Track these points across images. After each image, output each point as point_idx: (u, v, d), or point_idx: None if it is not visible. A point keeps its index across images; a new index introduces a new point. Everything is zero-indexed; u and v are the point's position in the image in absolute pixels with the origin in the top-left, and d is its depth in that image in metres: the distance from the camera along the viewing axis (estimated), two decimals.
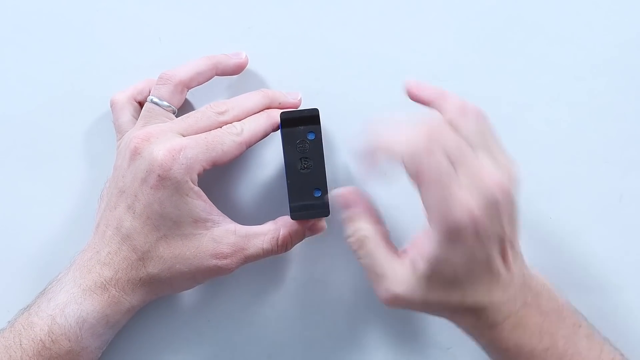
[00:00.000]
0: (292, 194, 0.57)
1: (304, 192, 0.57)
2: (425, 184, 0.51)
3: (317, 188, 0.57)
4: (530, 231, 0.63)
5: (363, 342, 0.65)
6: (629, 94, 0.64)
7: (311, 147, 0.57)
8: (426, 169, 0.50)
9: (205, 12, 0.66)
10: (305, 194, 0.57)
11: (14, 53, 0.67)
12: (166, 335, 0.65)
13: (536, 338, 0.54)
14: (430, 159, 0.50)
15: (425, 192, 0.51)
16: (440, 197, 0.50)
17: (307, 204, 0.57)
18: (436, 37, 0.65)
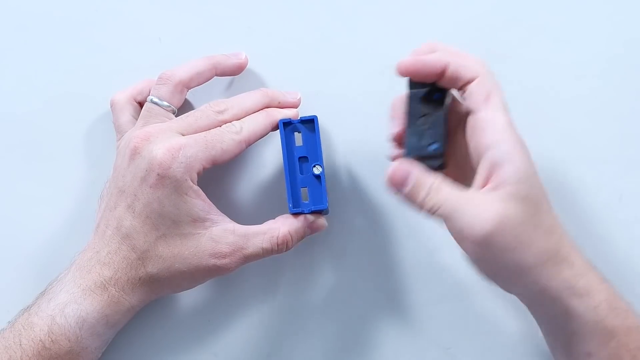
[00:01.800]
0: (407, 144, 0.54)
1: (419, 144, 0.54)
2: (494, 103, 0.52)
3: (434, 141, 0.54)
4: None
5: (363, 342, 0.65)
6: (629, 94, 0.64)
7: (434, 105, 0.55)
8: (498, 89, 0.53)
9: (205, 12, 0.66)
10: (421, 145, 0.54)
11: (14, 53, 0.67)
12: (166, 335, 0.65)
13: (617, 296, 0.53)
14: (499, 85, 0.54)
15: (493, 110, 0.52)
16: (508, 118, 0.52)
17: (424, 155, 0.54)
18: (436, 37, 0.65)
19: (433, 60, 0.53)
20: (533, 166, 0.52)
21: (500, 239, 0.50)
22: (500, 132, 0.51)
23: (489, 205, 0.50)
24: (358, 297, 0.64)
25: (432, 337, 0.64)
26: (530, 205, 0.50)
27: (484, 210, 0.50)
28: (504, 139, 0.51)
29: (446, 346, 0.64)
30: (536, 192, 0.51)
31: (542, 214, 0.51)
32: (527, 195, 0.50)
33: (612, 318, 0.52)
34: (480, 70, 0.53)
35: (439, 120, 0.55)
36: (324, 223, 0.60)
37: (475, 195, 0.51)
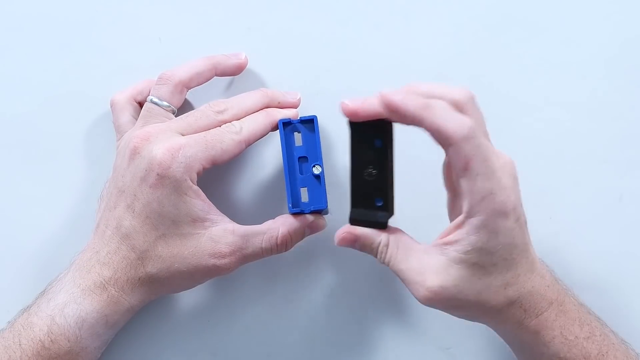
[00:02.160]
0: (352, 200, 0.55)
1: (364, 200, 0.55)
2: (473, 171, 0.49)
3: (379, 197, 0.55)
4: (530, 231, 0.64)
5: (363, 342, 0.65)
6: (629, 94, 0.64)
7: (377, 155, 0.54)
8: (478, 154, 0.49)
9: (205, 13, 0.66)
10: (367, 201, 0.55)
11: (14, 53, 0.67)
12: (166, 335, 0.65)
13: (577, 326, 0.55)
14: (481, 145, 0.49)
15: (473, 180, 0.50)
16: (489, 185, 0.50)
17: (368, 211, 0.55)
18: (436, 36, 0.65)
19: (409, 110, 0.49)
20: (501, 238, 0.51)
21: (441, 302, 0.53)
22: (474, 204, 0.50)
23: (428, 275, 0.52)
24: (358, 297, 0.64)
25: (432, 337, 0.64)
26: (476, 270, 0.52)
27: (422, 280, 0.52)
28: (477, 212, 0.50)
29: (446, 346, 0.64)
30: (488, 258, 0.52)
31: (495, 275, 0.52)
32: (475, 263, 0.52)
33: (567, 351, 0.54)
34: (455, 136, 0.49)
35: (385, 171, 0.54)
36: (324, 223, 0.60)
37: (417, 262, 0.53)
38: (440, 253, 0.52)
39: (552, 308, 0.54)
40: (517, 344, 0.57)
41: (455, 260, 0.52)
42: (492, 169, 0.50)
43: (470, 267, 0.51)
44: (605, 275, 0.64)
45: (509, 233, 0.51)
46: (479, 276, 0.52)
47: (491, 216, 0.50)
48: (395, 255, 0.54)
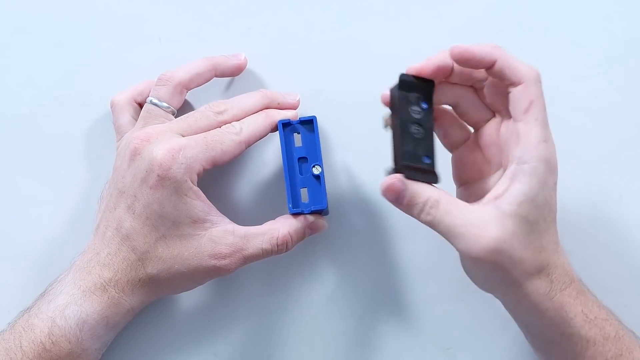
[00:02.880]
0: (403, 153, 0.53)
1: (414, 155, 0.53)
2: (534, 115, 0.51)
3: (427, 155, 0.54)
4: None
5: (363, 342, 0.65)
6: (629, 94, 0.64)
7: (424, 115, 0.54)
8: (540, 99, 0.52)
9: (205, 13, 0.66)
10: (416, 157, 0.53)
11: (15, 53, 0.67)
12: (166, 335, 0.65)
13: (596, 307, 0.55)
14: (542, 93, 0.52)
15: (532, 123, 0.52)
16: (545, 133, 0.52)
17: (417, 167, 0.53)
18: (436, 37, 0.65)
19: (483, 52, 0.53)
20: (546, 192, 0.52)
21: (493, 259, 0.51)
22: (529, 150, 0.51)
23: (487, 227, 0.51)
24: (358, 297, 0.64)
25: (432, 337, 0.64)
26: (525, 226, 0.52)
27: (481, 232, 0.51)
28: (531, 158, 0.51)
29: (446, 346, 0.64)
30: (536, 213, 0.52)
31: (536, 233, 0.52)
32: (525, 216, 0.51)
33: (588, 329, 0.54)
34: (526, 76, 0.52)
35: (430, 132, 0.54)
36: (324, 223, 0.60)
37: (474, 215, 0.52)
38: (493, 207, 0.52)
39: (574, 285, 0.54)
40: (537, 321, 0.54)
41: (508, 213, 0.51)
42: (547, 120, 0.52)
43: (521, 220, 0.51)
44: (605, 275, 0.64)
45: (553, 189, 0.53)
46: (526, 232, 0.52)
47: (542, 165, 0.51)
48: (449, 211, 0.52)
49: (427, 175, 0.53)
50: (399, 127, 0.53)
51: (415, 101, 0.54)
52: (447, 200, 0.52)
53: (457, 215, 0.52)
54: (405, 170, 0.53)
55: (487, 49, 0.53)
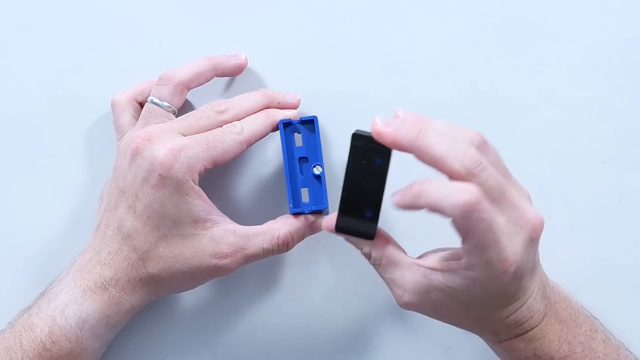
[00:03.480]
0: (345, 205, 0.54)
1: (356, 208, 0.54)
2: (474, 241, 0.48)
3: (370, 208, 0.54)
4: None
5: (363, 342, 0.65)
6: (628, 94, 0.64)
7: (375, 171, 0.53)
8: (477, 228, 0.48)
9: (205, 13, 0.66)
10: (358, 210, 0.54)
11: (15, 53, 0.66)
12: (166, 335, 0.65)
13: (555, 346, 0.54)
14: (482, 219, 0.47)
15: (472, 248, 0.49)
16: (488, 255, 0.49)
17: (356, 220, 0.54)
18: (436, 37, 0.65)
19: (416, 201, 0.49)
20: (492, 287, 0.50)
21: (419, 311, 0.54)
22: (473, 263, 0.50)
23: (411, 292, 0.53)
24: (358, 297, 0.64)
25: (432, 337, 0.64)
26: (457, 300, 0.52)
27: (404, 294, 0.53)
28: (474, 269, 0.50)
29: (446, 346, 0.64)
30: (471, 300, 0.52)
31: (470, 308, 0.53)
32: (457, 298, 0.52)
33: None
34: (454, 214, 0.47)
35: (380, 187, 0.53)
36: None
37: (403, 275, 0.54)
38: (422, 276, 0.52)
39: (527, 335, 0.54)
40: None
41: (437, 287, 0.52)
42: (495, 240, 0.48)
43: (451, 297, 0.52)
44: (605, 275, 0.64)
45: (501, 286, 0.51)
46: (459, 305, 0.52)
47: (487, 276, 0.50)
48: (379, 265, 0.55)
49: (365, 229, 0.54)
50: (349, 175, 0.53)
51: (371, 155, 0.53)
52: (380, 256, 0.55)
53: (385, 271, 0.55)
54: (340, 222, 0.54)
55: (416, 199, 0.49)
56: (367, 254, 0.55)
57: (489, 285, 0.50)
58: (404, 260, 0.54)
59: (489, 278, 0.50)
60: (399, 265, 0.54)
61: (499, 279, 0.50)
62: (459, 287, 0.51)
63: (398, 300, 0.54)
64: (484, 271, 0.49)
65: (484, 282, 0.50)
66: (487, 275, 0.50)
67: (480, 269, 0.49)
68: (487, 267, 0.49)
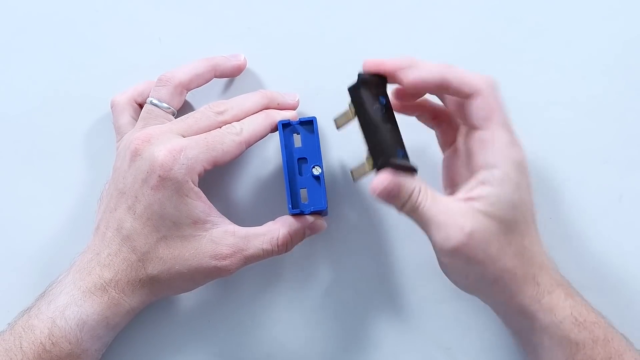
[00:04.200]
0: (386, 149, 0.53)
1: (392, 150, 0.54)
2: (498, 120, 0.53)
3: (399, 148, 0.55)
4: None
5: (363, 342, 0.65)
6: (629, 94, 0.64)
7: (386, 110, 0.55)
8: (500, 107, 0.53)
9: (204, 13, 0.66)
10: (393, 151, 0.54)
11: (15, 53, 0.67)
12: (166, 335, 0.65)
13: (585, 310, 0.54)
14: (501, 100, 0.53)
15: (497, 129, 0.53)
16: (511, 136, 0.53)
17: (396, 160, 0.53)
18: (437, 37, 0.65)
19: (434, 72, 0.54)
20: (521, 193, 0.53)
21: (469, 251, 0.52)
22: (496, 154, 0.53)
23: (463, 217, 0.52)
24: (358, 297, 0.64)
25: (432, 337, 0.64)
26: (502, 226, 0.52)
27: (457, 222, 0.52)
28: (499, 162, 0.52)
29: (446, 346, 0.64)
30: (513, 216, 0.53)
31: (515, 236, 0.53)
32: (501, 217, 0.52)
33: (577, 332, 0.54)
34: (481, 87, 0.53)
35: (395, 125, 0.55)
36: (324, 224, 0.60)
37: (451, 206, 0.53)
38: (468, 205, 0.53)
39: (562, 288, 0.54)
40: (526, 324, 0.55)
41: (482, 212, 0.52)
42: (510, 124, 0.53)
43: (496, 220, 0.52)
44: (605, 275, 0.64)
45: (527, 191, 0.53)
46: (503, 232, 0.52)
47: (513, 167, 0.52)
48: (426, 200, 0.53)
49: (406, 167, 0.53)
50: (372, 124, 0.54)
51: (375, 98, 0.55)
52: (426, 190, 0.53)
53: (433, 206, 0.53)
54: (390, 164, 0.53)
55: (436, 69, 0.54)
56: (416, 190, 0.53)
57: (520, 184, 0.53)
58: (445, 196, 0.54)
59: (515, 168, 0.52)
60: (444, 198, 0.53)
61: (524, 172, 0.53)
62: (499, 198, 0.52)
63: (451, 233, 0.52)
64: (510, 158, 0.52)
65: (515, 181, 0.52)
66: (514, 164, 0.52)
67: (506, 157, 0.52)
68: (512, 151, 0.53)
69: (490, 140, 0.53)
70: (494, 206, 0.52)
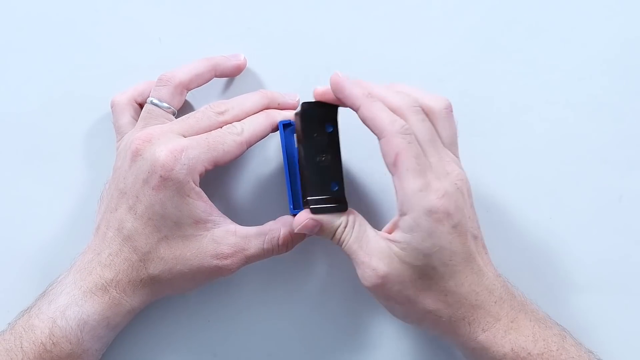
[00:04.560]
0: (309, 186, 0.56)
1: (322, 186, 0.56)
2: (403, 166, 0.52)
3: (334, 181, 0.56)
4: (530, 231, 0.64)
5: (363, 342, 0.65)
6: (629, 94, 0.64)
7: (329, 140, 0.56)
8: (406, 150, 0.52)
9: (204, 13, 0.66)
10: (324, 187, 0.56)
11: (15, 53, 0.66)
12: (166, 335, 0.65)
13: (531, 342, 0.54)
14: (413, 146, 0.52)
15: (403, 175, 0.52)
16: (419, 183, 0.52)
17: (326, 197, 0.56)
18: (436, 37, 0.65)
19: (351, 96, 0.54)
20: (434, 240, 0.53)
21: (385, 292, 0.54)
22: (404, 202, 0.53)
23: (380, 259, 0.54)
24: (358, 297, 0.64)
25: (432, 337, 0.64)
26: (417, 270, 0.53)
27: (372, 264, 0.54)
28: (408, 210, 0.52)
29: (446, 346, 0.64)
30: (425, 263, 0.53)
31: (434, 280, 0.54)
32: (412, 263, 0.53)
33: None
34: (385, 128, 0.52)
35: (337, 156, 0.56)
36: None
37: (372, 245, 0.54)
38: (387, 245, 0.54)
39: (499, 324, 0.54)
40: (472, 356, 0.56)
41: (398, 256, 0.53)
42: (424, 167, 0.52)
43: (409, 265, 0.53)
44: (605, 275, 0.64)
45: (444, 237, 0.53)
46: (419, 276, 0.53)
47: (422, 215, 0.52)
48: (350, 236, 0.55)
49: (336, 204, 0.56)
50: (304, 158, 0.56)
51: (320, 127, 0.56)
52: (352, 226, 0.56)
53: (355, 242, 0.55)
54: (312, 204, 0.56)
55: (354, 94, 0.54)
56: (341, 227, 0.56)
57: (431, 232, 0.52)
58: (371, 232, 0.56)
59: (425, 217, 0.52)
60: (368, 235, 0.55)
61: (436, 220, 0.52)
62: (409, 245, 0.52)
63: (366, 271, 0.54)
64: (418, 206, 0.52)
65: (425, 229, 0.52)
66: (422, 212, 0.52)
67: (414, 205, 0.52)
68: (420, 198, 0.52)
69: (398, 187, 0.53)
70: (405, 251, 0.53)
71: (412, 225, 0.52)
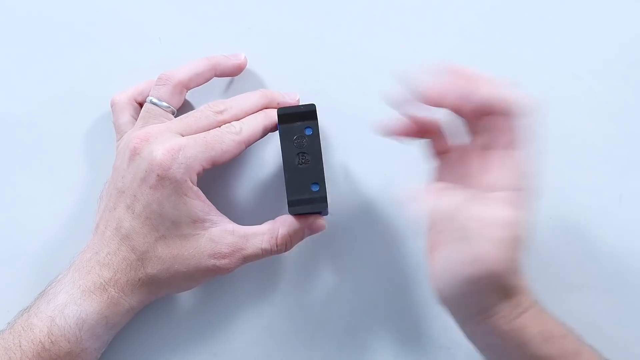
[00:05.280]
0: (289, 188, 0.57)
1: (302, 187, 0.57)
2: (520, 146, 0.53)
3: (314, 182, 0.57)
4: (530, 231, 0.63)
5: (363, 342, 0.65)
6: (628, 94, 0.64)
7: (309, 142, 0.58)
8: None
9: (205, 13, 0.66)
10: (304, 188, 0.57)
11: (15, 53, 0.67)
12: (166, 335, 0.65)
13: (554, 325, 0.54)
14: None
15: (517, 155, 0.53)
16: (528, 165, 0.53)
17: (306, 198, 0.57)
18: (436, 37, 0.65)
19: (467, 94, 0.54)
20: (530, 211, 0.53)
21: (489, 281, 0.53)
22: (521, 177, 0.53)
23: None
24: (358, 297, 0.64)
25: (432, 337, 0.64)
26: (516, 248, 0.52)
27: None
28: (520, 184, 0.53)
29: (446, 346, 0.64)
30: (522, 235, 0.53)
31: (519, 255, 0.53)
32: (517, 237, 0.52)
33: (546, 348, 0.53)
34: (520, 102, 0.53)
35: (318, 157, 0.58)
36: (323, 224, 0.60)
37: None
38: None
39: (534, 308, 0.54)
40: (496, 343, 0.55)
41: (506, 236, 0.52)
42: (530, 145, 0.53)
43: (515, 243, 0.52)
44: (605, 275, 0.64)
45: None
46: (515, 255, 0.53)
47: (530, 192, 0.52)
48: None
49: (317, 204, 0.57)
50: (285, 161, 0.57)
51: (299, 130, 0.58)
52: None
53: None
54: (291, 205, 0.57)
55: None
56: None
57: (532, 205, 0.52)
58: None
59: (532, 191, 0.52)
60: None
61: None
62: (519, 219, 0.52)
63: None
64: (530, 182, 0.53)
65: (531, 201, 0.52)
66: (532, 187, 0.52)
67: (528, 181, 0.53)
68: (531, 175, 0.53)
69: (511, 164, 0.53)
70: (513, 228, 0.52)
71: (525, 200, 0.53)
